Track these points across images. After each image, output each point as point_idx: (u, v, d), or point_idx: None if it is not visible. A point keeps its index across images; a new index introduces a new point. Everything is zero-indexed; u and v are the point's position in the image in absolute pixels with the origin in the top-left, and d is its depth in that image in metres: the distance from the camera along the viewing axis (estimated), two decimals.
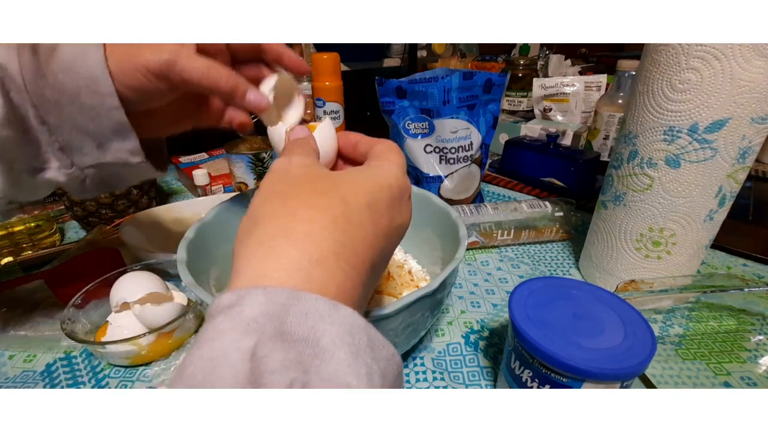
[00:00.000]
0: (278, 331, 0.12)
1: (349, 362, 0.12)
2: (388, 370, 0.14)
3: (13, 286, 0.39)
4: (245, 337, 0.12)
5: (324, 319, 0.13)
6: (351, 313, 0.13)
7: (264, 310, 0.12)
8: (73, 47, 0.23)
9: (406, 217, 0.20)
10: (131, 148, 0.25)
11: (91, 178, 0.26)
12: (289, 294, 0.13)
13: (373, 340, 0.14)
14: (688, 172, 0.32)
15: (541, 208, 0.49)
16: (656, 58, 0.32)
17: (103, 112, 0.23)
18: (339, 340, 0.12)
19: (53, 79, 0.22)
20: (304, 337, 0.12)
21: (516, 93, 1.01)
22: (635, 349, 0.22)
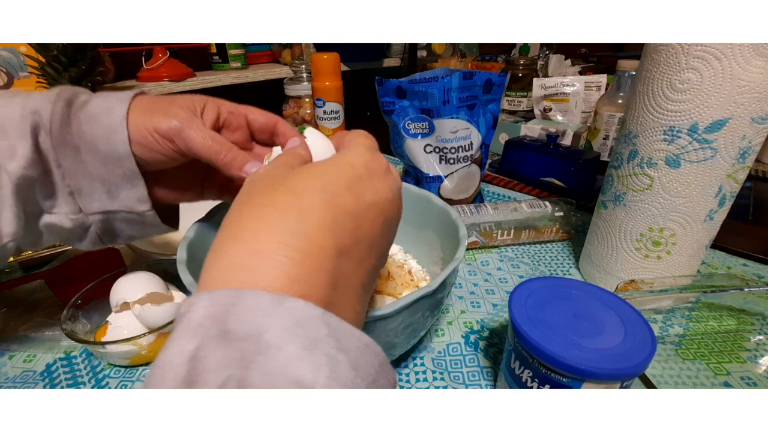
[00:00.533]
0: (220, 331, 0.12)
1: (301, 355, 0.12)
2: (362, 360, 0.13)
3: (13, 286, 0.39)
4: (190, 341, 0.12)
5: (268, 313, 0.12)
6: (302, 304, 0.13)
7: (208, 312, 0.12)
8: (102, 102, 0.25)
9: (383, 194, 0.19)
10: (139, 196, 0.27)
11: (95, 226, 0.28)
12: (231, 293, 0.13)
13: (337, 330, 0.13)
14: (688, 172, 0.32)
15: (541, 208, 0.49)
16: (656, 58, 0.32)
17: (115, 159, 0.25)
18: (287, 333, 0.12)
19: (77, 128, 0.25)
20: (247, 333, 0.12)
21: (516, 93, 1.01)
22: (635, 349, 0.22)
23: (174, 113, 0.25)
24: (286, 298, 0.13)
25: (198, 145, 0.25)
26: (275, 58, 1.15)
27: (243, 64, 1.02)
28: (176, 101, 0.26)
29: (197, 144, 0.25)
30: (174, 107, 0.26)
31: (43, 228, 0.27)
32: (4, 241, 0.25)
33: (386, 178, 0.19)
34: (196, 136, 0.25)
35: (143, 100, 0.26)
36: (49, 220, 0.26)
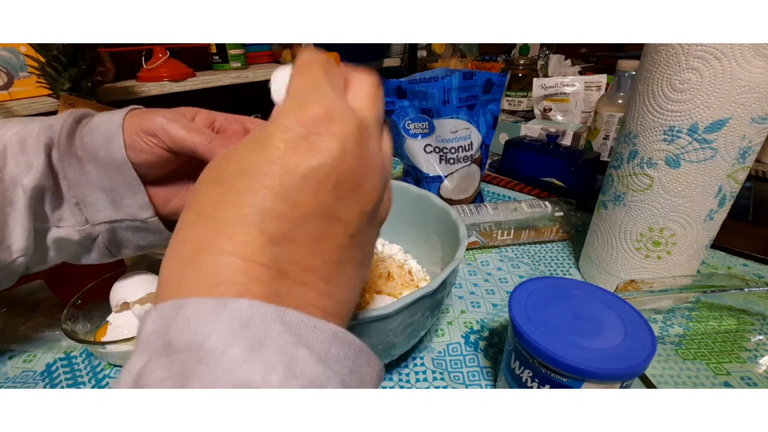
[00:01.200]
0: (163, 345, 0.12)
1: (246, 356, 0.11)
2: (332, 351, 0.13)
3: (13, 286, 0.39)
4: (140, 359, 0.12)
5: (209, 319, 0.12)
6: (247, 303, 0.12)
7: (154, 327, 0.12)
8: (104, 116, 0.26)
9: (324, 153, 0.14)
10: (141, 203, 0.27)
11: (102, 237, 0.28)
12: (173, 305, 0.12)
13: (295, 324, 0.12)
14: (688, 172, 0.32)
15: (541, 208, 0.49)
16: (656, 58, 0.32)
17: (114, 166, 0.26)
18: (230, 337, 0.11)
19: (80, 140, 0.26)
20: (188, 343, 0.11)
21: (516, 93, 1.01)
22: (635, 349, 0.22)
23: (161, 114, 0.26)
24: (228, 301, 0.12)
25: (179, 136, 0.25)
26: (275, 58, 1.15)
27: (243, 64, 1.02)
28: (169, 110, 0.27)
29: (179, 134, 0.25)
30: (163, 111, 0.27)
31: (51, 243, 0.27)
32: (14, 257, 0.26)
33: (328, 130, 0.15)
34: (178, 127, 0.26)
35: (139, 111, 0.27)
36: (57, 234, 0.27)
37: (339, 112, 0.15)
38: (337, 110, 0.15)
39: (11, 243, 0.26)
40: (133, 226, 0.28)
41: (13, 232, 0.25)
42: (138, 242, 0.30)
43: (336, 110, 0.15)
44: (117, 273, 0.37)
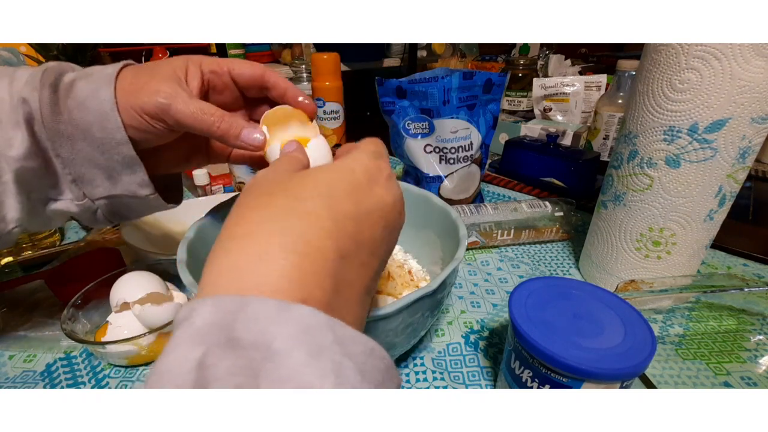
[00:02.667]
0: (227, 339, 0.12)
1: (307, 362, 0.12)
2: (369, 364, 0.13)
3: (13, 286, 0.39)
4: (195, 349, 0.12)
5: (275, 321, 0.12)
6: (308, 311, 0.13)
7: (213, 319, 0.12)
8: (88, 85, 0.24)
9: (383, 199, 0.19)
10: (140, 181, 0.26)
11: (102, 209, 0.28)
12: (236, 300, 0.13)
13: (342, 336, 0.13)
14: (688, 172, 0.32)
15: (541, 208, 0.49)
16: (656, 58, 0.32)
17: (112, 146, 0.25)
18: (294, 341, 0.12)
19: (68, 116, 0.24)
20: (254, 342, 0.12)
21: (516, 93, 1.01)
22: (635, 349, 0.22)
23: (157, 89, 0.24)
24: (291, 305, 0.13)
25: (189, 120, 0.24)
26: (275, 58, 1.15)
27: None
28: (158, 72, 0.25)
29: (188, 119, 0.24)
30: (156, 81, 0.24)
31: (51, 213, 0.27)
32: (9, 227, 0.26)
33: (388, 185, 0.20)
34: (185, 110, 0.24)
35: (126, 78, 0.25)
36: (56, 206, 0.26)
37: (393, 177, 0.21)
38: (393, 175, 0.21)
39: (5, 214, 0.25)
40: (131, 201, 0.27)
41: (5, 203, 0.25)
42: (138, 213, 0.29)
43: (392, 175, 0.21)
44: (117, 273, 0.37)
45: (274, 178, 0.18)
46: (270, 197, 0.17)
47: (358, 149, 0.21)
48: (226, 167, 0.65)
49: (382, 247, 0.19)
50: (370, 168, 0.19)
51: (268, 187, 0.17)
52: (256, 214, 0.16)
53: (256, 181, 0.18)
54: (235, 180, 0.60)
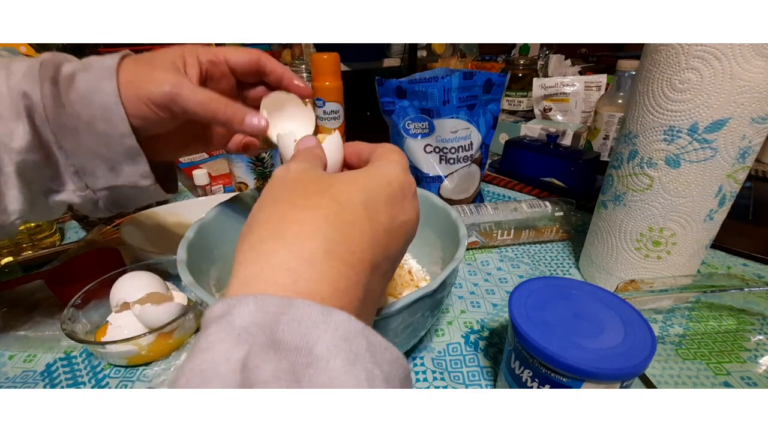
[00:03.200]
0: (270, 340, 0.12)
1: (345, 369, 0.12)
2: (392, 373, 0.13)
3: (13, 286, 0.39)
4: (236, 348, 0.11)
5: (317, 326, 0.12)
6: (347, 317, 0.13)
7: (254, 318, 0.12)
8: (89, 78, 0.24)
9: (411, 215, 0.20)
10: (142, 172, 0.27)
11: (103, 200, 0.28)
12: (280, 301, 0.12)
13: (373, 343, 0.13)
14: (688, 172, 0.32)
15: (541, 208, 0.49)
16: (656, 58, 0.32)
17: (115, 138, 0.25)
18: (334, 347, 0.12)
19: (71, 109, 0.24)
20: (297, 345, 0.12)
21: (516, 93, 1.01)
22: (635, 349, 0.22)
23: (162, 79, 0.25)
24: (332, 311, 0.13)
25: (196, 107, 0.25)
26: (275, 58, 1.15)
27: None
28: (158, 62, 0.26)
29: (194, 107, 0.25)
30: (159, 71, 0.25)
31: (53, 204, 0.27)
32: (11, 219, 0.26)
33: (414, 200, 0.21)
34: (193, 98, 0.25)
35: (127, 69, 0.25)
36: (58, 197, 0.27)
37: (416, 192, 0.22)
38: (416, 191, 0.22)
39: (7, 205, 0.25)
40: (133, 191, 0.28)
41: (6, 195, 0.25)
42: (137, 203, 0.30)
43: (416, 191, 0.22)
44: (117, 273, 0.37)
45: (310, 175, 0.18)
46: (312, 197, 0.17)
47: (391, 160, 0.21)
48: (227, 167, 0.65)
49: (399, 259, 0.20)
50: (404, 183, 0.20)
51: (308, 185, 0.17)
52: (300, 213, 0.16)
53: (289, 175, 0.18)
54: (235, 180, 0.60)
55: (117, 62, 0.25)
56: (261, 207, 0.17)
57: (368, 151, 0.23)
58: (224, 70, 0.28)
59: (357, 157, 0.24)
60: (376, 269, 0.17)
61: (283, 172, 0.19)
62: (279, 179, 0.19)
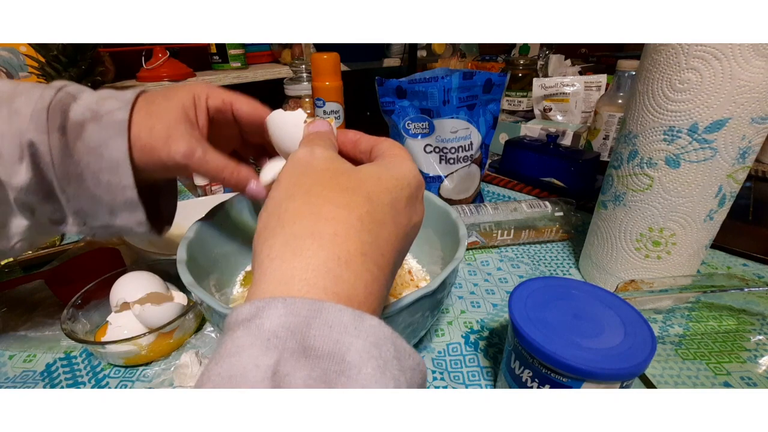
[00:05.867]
0: (301, 346, 0.11)
1: (376, 377, 0.11)
2: (414, 379, 0.13)
3: (13, 286, 0.39)
4: (266, 354, 0.11)
5: (349, 331, 0.12)
6: (377, 323, 0.13)
7: (284, 322, 0.12)
8: (99, 133, 0.25)
9: (421, 216, 0.20)
10: (138, 221, 0.28)
11: (99, 233, 0.29)
12: (310, 305, 0.12)
13: (400, 350, 0.13)
14: (688, 172, 0.32)
15: (541, 208, 0.49)
16: (656, 58, 0.32)
17: (118, 189, 0.26)
18: (366, 354, 0.12)
19: (78, 158, 0.25)
20: (329, 352, 0.11)
21: (516, 93, 1.01)
22: (635, 349, 0.22)
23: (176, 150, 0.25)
24: (364, 315, 0.13)
25: (203, 174, 0.27)
26: (275, 58, 1.15)
27: (243, 64, 1.02)
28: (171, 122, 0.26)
29: (202, 173, 0.27)
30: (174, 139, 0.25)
31: (54, 230, 0.28)
32: (11, 243, 0.27)
33: (423, 202, 0.20)
34: (201, 168, 0.26)
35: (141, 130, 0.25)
36: (58, 228, 0.28)
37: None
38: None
39: (8, 231, 0.26)
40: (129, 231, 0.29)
41: (8, 223, 0.26)
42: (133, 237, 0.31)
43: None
44: (117, 273, 0.37)
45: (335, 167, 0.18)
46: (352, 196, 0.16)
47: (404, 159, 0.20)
48: None
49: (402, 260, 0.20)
50: (420, 183, 0.20)
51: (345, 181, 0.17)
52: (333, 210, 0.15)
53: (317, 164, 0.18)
54: None
55: (128, 116, 0.25)
56: (289, 195, 0.16)
57: (367, 143, 0.23)
58: (229, 118, 0.30)
59: (353, 146, 0.23)
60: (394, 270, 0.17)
61: (308, 156, 0.18)
62: (305, 164, 0.18)
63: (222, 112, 0.29)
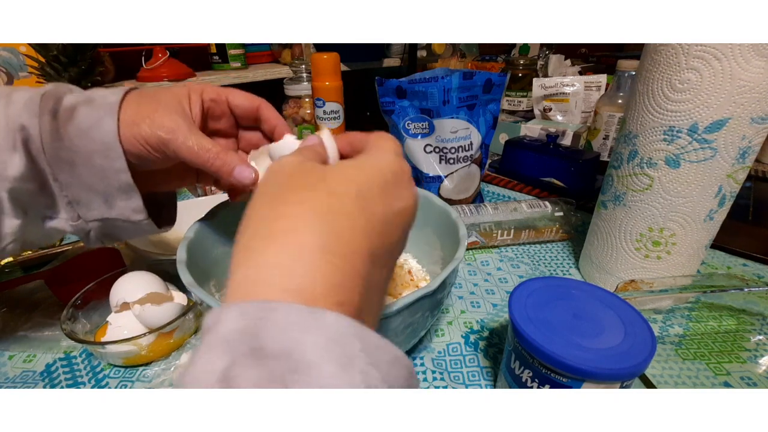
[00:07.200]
0: (251, 348, 0.11)
1: (337, 374, 0.11)
2: (392, 374, 0.13)
3: (13, 286, 0.39)
4: (219, 358, 0.11)
5: (304, 329, 0.12)
6: (337, 318, 0.12)
7: (236, 327, 0.12)
8: (91, 113, 0.25)
9: (408, 201, 0.19)
10: (135, 207, 0.27)
11: (95, 231, 0.28)
12: (261, 306, 0.12)
13: (368, 344, 0.13)
14: (688, 172, 0.32)
15: (541, 208, 0.49)
16: (656, 58, 0.32)
17: (111, 173, 0.25)
18: (323, 351, 0.11)
19: (69, 142, 0.24)
20: (282, 351, 0.11)
21: (516, 93, 1.01)
22: (635, 349, 0.22)
23: (161, 124, 0.25)
24: (319, 311, 0.12)
25: (186, 154, 0.26)
26: (275, 58, 1.15)
27: (243, 64, 1.02)
28: (161, 103, 0.26)
29: (185, 154, 0.26)
30: (160, 114, 0.25)
31: (48, 230, 0.28)
32: (4, 243, 0.26)
33: (410, 186, 0.20)
34: (184, 146, 0.25)
35: (130, 107, 0.26)
36: (51, 224, 0.27)
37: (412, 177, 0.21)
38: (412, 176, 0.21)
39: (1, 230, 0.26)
40: (125, 224, 0.28)
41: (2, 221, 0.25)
42: (130, 235, 0.30)
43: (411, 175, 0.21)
44: (117, 273, 0.37)
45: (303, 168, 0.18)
46: (303, 191, 0.16)
47: (383, 148, 0.20)
48: None
49: (399, 249, 0.19)
50: (397, 169, 0.19)
51: (300, 179, 0.17)
52: (291, 208, 0.15)
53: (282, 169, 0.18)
54: None
55: (120, 98, 0.25)
56: (252, 205, 0.17)
57: (360, 140, 0.23)
58: (225, 109, 0.29)
59: (350, 146, 0.24)
60: (375, 260, 0.16)
61: (277, 165, 0.18)
62: (273, 173, 0.18)
63: (217, 102, 0.29)
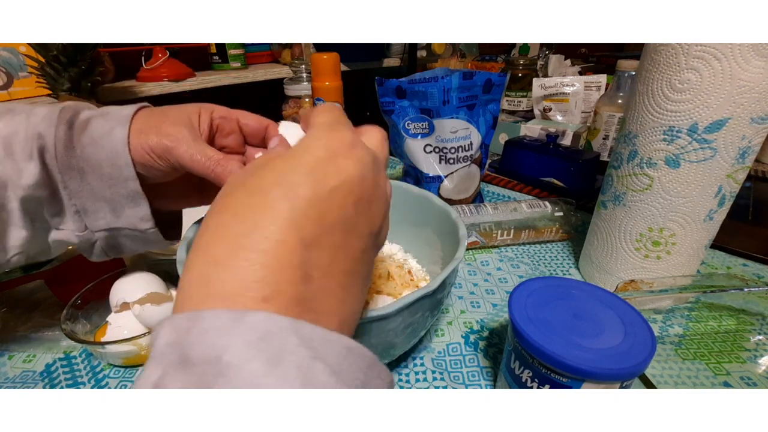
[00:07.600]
0: (180, 357, 0.11)
1: (266, 371, 0.11)
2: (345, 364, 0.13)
3: (13, 286, 0.39)
4: (154, 371, 0.11)
5: (227, 332, 0.12)
6: (264, 317, 0.12)
7: (169, 339, 0.12)
8: (104, 124, 0.26)
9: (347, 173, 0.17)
10: (142, 215, 0.27)
11: (101, 242, 0.28)
12: (189, 317, 0.12)
13: (310, 337, 0.12)
14: (688, 172, 0.32)
15: (541, 208, 0.49)
16: (656, 58, 0.32)
17: (120, 181, 0.26)
18: (249, 350, 0.11)
19: (81, 151, 0.25)
20: (205, 357, 0.11)
21: (516, 93, 1.01)
22: (635, 349, 0.22)
23: (165, 132, 0.26)
24: (244, 313, 0.12)
25: (188, 162, 0.26)
26: (275, 58, 1.15)
27: (243, 64, 1.02)
28: (169, 116, 0.27)
29: (187, 161, 0.26)
30: (167, 124, 0.26)
31: (51, 242, 0.28)
32: (9, 255, 0.27)
33: (351, 154, 0.17)
34: (186, 155, 0.26)
35: (140, 119, 0.26)
36: (57, 236, 0.27)
37: (359, 143, 0.18)
38: (357, 141, 0.18)
39: (6, 242, 0.26)
40: (132, 234, 0.28)
41: (7, 233, 0.26)
42: (135, 248, 0.30)
43: (357, 141, 0.18)
44: (117, 273, 0.37)
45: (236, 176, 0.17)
46: (226, 197, 0.16)
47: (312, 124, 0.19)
48: None
49: (359, 225, 0.17)
50: (328, 141, 0.17)
51: (228, 188, 0.17)
52: (215, 218, 0.15)
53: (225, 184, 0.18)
54: None
55: (133, 112, 0.26)
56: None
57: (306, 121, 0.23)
58: (234, 127, 0.30)
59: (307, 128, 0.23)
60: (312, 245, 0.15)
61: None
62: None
63: (226, 119, 0.29)
